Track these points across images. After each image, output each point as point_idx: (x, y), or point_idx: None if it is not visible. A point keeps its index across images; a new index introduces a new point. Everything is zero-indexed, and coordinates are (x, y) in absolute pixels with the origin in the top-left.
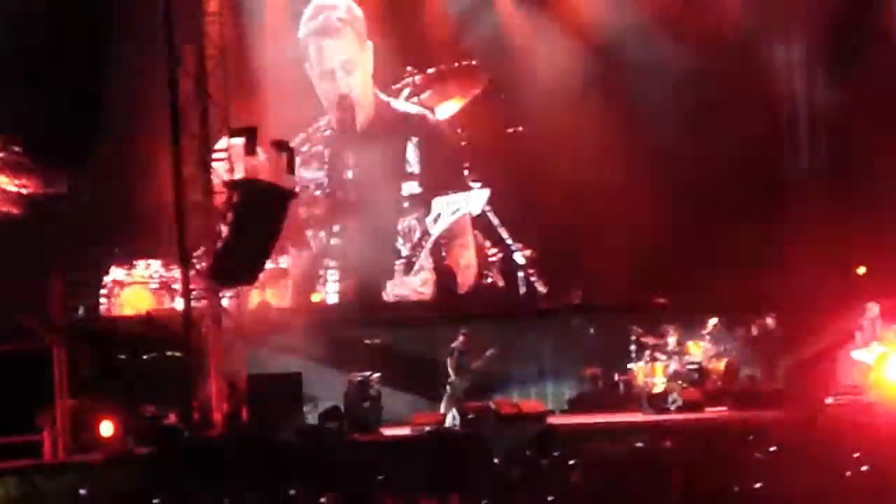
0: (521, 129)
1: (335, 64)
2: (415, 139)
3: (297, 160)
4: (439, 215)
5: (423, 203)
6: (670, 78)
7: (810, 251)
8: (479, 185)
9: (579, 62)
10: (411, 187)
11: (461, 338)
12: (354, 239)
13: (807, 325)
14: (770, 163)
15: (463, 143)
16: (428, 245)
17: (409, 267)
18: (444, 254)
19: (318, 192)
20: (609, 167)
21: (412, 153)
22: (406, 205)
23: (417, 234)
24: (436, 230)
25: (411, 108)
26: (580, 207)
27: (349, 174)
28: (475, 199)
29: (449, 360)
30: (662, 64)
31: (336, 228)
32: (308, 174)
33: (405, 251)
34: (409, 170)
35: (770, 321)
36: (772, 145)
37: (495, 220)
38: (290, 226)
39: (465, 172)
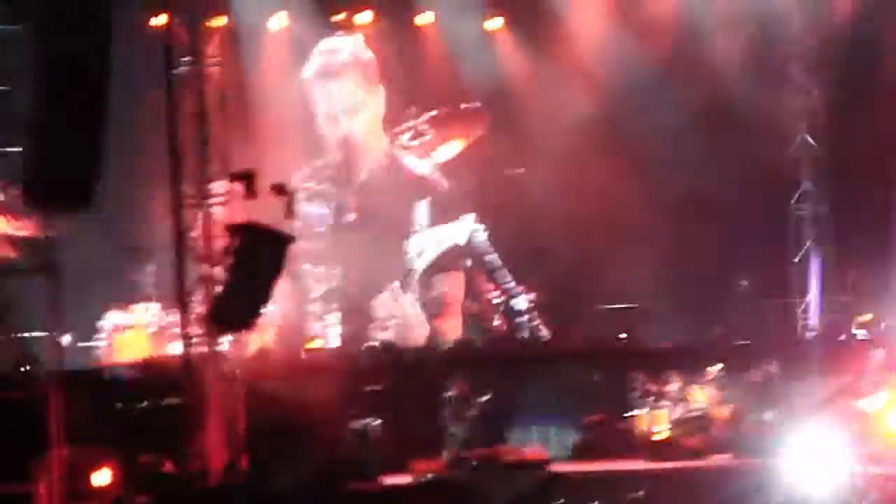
0: (522, 170)
1: (338, 107)
2: (427, 201)
3: (302, 195)
4: (423, 251)
5: (427, 266)
6: (674, 121)
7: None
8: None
9: (583, 103)
10: (418, 246)
11: (454, 386)
12: (355, 284)
13: (811, 372)
14: (775, 204)
15: (465, 187)
16: (413, 282)
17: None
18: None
19: (321, 229)
20: (613, 210)
21: (423, 214)
22: (409, 265)
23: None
24: (420, 264)
25: (426, 170)
26: (584, 251)
27: (350, 217)
28: (461, 227)
29: (446, 411)
30: (666, 106)
31: (337, 270)
32: (311, 209)
33: None
34: (417, 229)
35: (773, 368)
36: (777, 185)
37: (497, 263)
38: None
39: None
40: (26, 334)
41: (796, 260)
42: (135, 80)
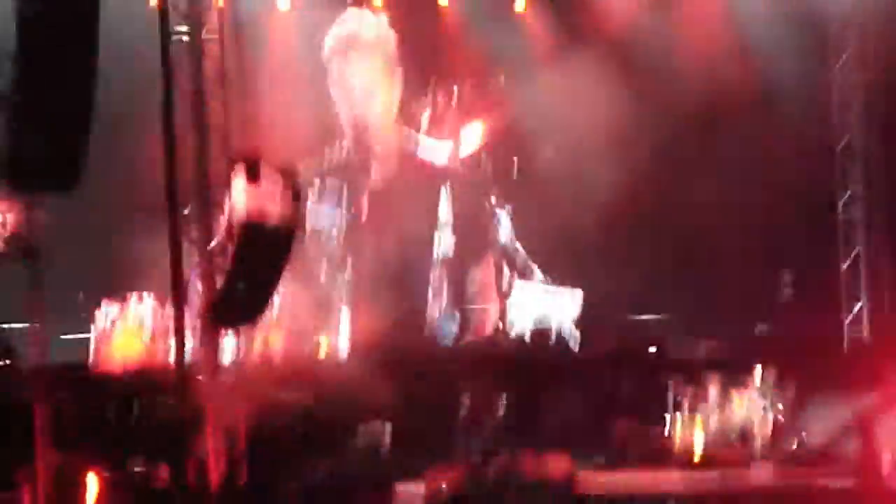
0: (549, 155)
1: (355, 84)
2: (447, 188)
3: (312, 194)
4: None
5: (456, 257)
6: (714, 112)
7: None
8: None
9: (612, 79)
10: (445, 239)
11: (466, 400)
12: (375, 285)
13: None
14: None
15: (488, 172)
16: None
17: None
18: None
19: (333, 232)
20: (648, 205)
21: (444, 204)
22: (437, 257)
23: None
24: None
25: (444, 160)
26: (616, 247)
27: (363, 219)
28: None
29: (462, 419)
30: (705, 93)
31: (349, 268)
32: (322, 209)
33: (436, 305)
34: (443, 220)
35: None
36: (823, 188)
37: (522, 254)
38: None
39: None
40: (5, 325)
41: (844, 267)
42: (128, 49)
